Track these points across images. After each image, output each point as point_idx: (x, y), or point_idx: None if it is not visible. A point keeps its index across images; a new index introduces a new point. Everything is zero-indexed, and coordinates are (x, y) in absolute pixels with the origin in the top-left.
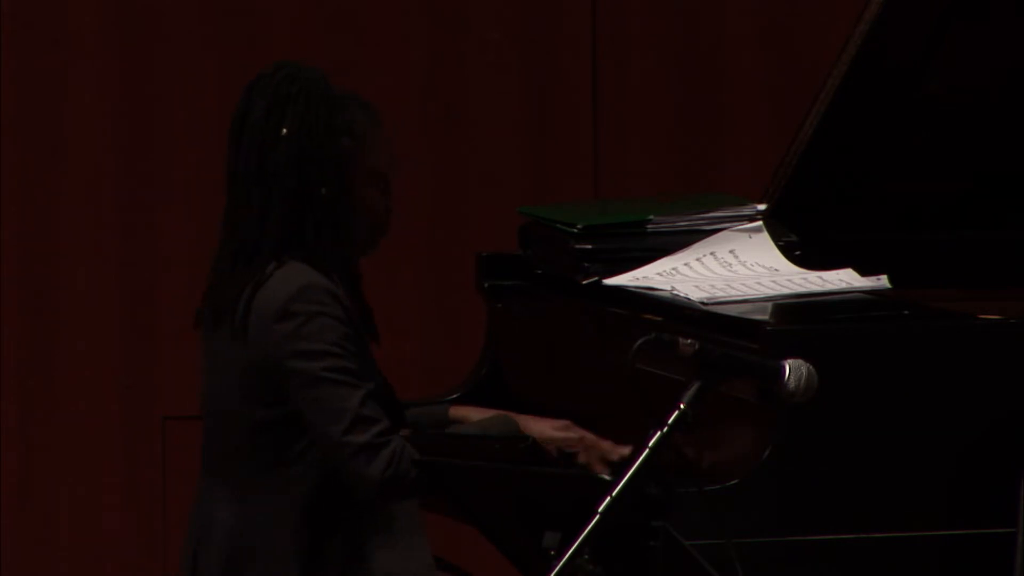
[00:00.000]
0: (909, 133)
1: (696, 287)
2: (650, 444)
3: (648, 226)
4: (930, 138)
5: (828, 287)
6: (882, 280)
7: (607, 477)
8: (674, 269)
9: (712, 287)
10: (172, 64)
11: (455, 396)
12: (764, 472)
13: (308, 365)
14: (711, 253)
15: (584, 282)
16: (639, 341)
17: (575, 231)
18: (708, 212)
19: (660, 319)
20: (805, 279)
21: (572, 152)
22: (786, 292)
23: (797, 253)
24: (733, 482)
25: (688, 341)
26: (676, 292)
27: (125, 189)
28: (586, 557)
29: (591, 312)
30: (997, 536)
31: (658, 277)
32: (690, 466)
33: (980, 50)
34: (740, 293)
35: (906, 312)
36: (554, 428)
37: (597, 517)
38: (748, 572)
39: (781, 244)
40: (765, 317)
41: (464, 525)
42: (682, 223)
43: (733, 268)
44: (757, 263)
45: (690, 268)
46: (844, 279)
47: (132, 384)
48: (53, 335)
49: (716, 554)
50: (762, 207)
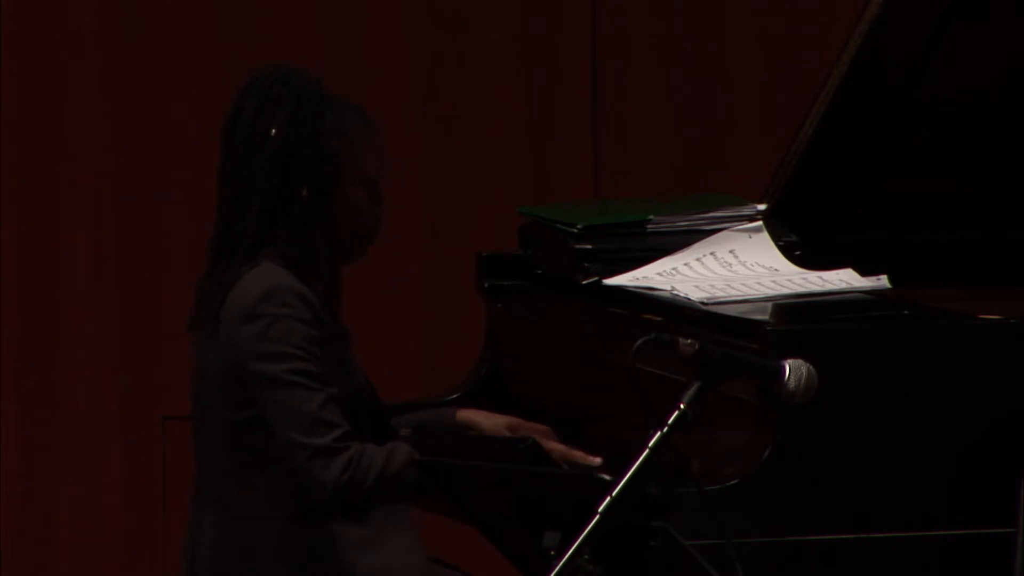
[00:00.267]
0: (909, 133)
1: (696, 287)
2: (650, 444)
3: (648, 226)
4: (930, 138)
5: (828, 287)
6: (882, 280)
7: (607, 477)
8: (674, 269)
9: (712, 287)
10: (172, 64)
11: (455, 396)
12: (764, 472)
13: (271, 367)
14: (711, 253)
15: (584, 282)
16: (639, 341)
17: (575, 231)
18: (708, 212)
19: (660, 319)
20: (805, 279)
21: (572, 152)
22: (786, 292)
23: (797, 253)
24: (733, 482)
25: (688, 341)
26: (676, 292)
27: (125, 189)
28: (586, 557)
29: (591, 312)
30: (997, 536)
31: (658, 277)
32: (690, 466)
33: (980, 50)
34: (740, 293)
35: (906, 312)
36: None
37: (597, 517)
38: (748, 572)
39: (781, 244)
40: (765, 317)
41: (464, 525)
42: (682, 223)
43: (733, 268)
44: (757, 263)
45: (690, 268)
46: (844, 279)
47: (132, 384)
48: (53, 335)
49: (716, 554)
50: (762, 207)
